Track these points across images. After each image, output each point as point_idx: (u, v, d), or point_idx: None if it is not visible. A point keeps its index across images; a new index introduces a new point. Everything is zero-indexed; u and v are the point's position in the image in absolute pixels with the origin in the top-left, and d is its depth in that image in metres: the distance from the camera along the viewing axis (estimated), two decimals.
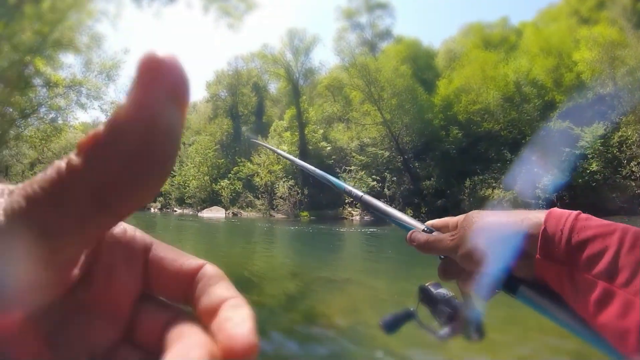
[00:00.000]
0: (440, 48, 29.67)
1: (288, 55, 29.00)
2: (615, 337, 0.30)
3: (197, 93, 36.83)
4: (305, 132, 25.59)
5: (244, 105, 33.08)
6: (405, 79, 24.77)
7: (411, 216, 0.57)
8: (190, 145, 33.57)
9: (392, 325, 0.49)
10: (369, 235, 13.79)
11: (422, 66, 27.02)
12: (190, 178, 30.36)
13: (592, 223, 0.34)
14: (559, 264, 0.34)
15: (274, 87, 33.83)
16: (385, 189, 21.56)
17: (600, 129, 19.37)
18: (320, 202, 22.51)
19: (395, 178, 21.75)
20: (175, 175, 32.06)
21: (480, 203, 19.38)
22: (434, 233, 0.49)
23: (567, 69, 22.86)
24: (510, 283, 0.39)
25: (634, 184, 17.78)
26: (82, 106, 22.34)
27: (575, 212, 0.36)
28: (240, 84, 34.13)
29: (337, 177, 0.79)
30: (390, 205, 0.64)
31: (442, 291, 0.48)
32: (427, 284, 0.50)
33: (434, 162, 21.82)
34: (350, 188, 0.71)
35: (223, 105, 34.53)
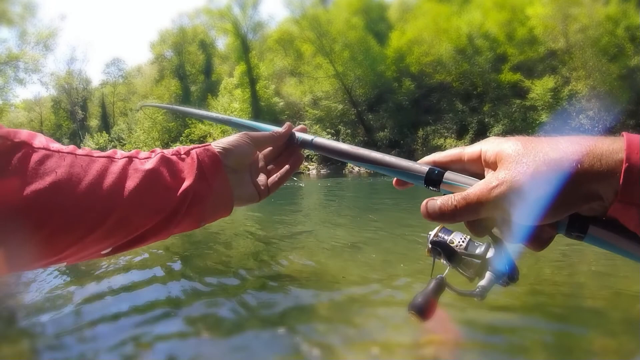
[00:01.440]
0: (394, 1, 29.13)
1: (235, 9, 27.39)
2: None
3: (141, 55, 34.21)
4: (257, 88, 24.62)
5: (192, 65, 31.18)
6: (358, 31, 24.24)
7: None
8: (137, 110, 31.65)
9: (427, 308, 0.37)
10: (326, 188, 13.78)
11: (375, 18, 26.47)
12: (141, 145, 28.81)
13: None
14: None
15: (222, 43, 32.09)
16: (340, 142, 21.51)
17: (550, 82, 20.11)
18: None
19: (349, 130, 21.69)
20: (125, 144, 30.18)
21: (433, 152, 19.83)
22: (447, 175, 0.35)
23: (520, 24, 23.28)
24: (576, 224, 0.30)
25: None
26: (21, 82, 20.18)
27: None
28: (186, 42, 31.99)
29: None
30: None
31: (459, 238, 0.39)
32: (435, 234, 0.39)
33: (387, 114, 21.92)
34: (298, 133, 0.52)
35: (169, 66, 32.38)
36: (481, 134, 20.66)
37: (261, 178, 0.50)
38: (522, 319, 2.52)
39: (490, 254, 0.36)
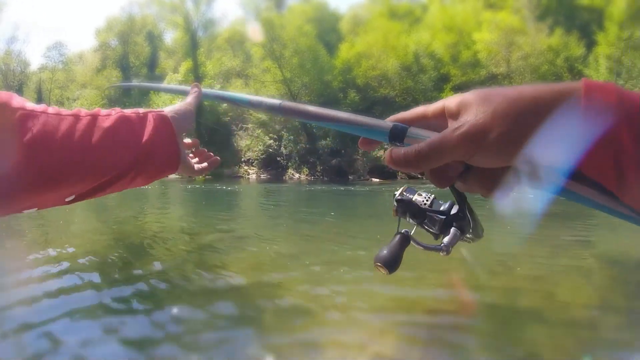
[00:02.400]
0: (347, 13, 29.79)
1: (189, 3, 26.63)
2: None
3: (86, 41, 32.20)
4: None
5: (136, 56, 29.81)
6: (309, 38, 24.49)
7: (307, 175, 0.39)
8: (74, 100, 29.70)
9: (393, 260, 0.37)
10: (266, 192, 13.69)
11: (327, 28, 26.93)
12: None
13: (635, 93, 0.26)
14: (610, 112, 0.26)
15: (170, 37, 31.01)
16: (282, 148, 21.51)
17: None
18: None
19: (292, 137, 21.75)
20: None
21: (373, 162, 20.49)
22: (411, 130, 0.34)
23: (466, 47, 24.65)
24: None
25: None
26: None
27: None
28: (133, 32, 30.59)
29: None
30: (287, 163, 0.44)
31: (422, 197, 0.39)
32: (400, 193, 0.39)
33: None
34: (260, 99, 0.51)
35: (113, 55, 30.72)
36: None
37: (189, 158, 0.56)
38: (465, 320, 2.64)
39: (454, 210, 0.37)
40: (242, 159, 21.95)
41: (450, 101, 0.32)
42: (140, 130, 0.45)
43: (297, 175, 20.53)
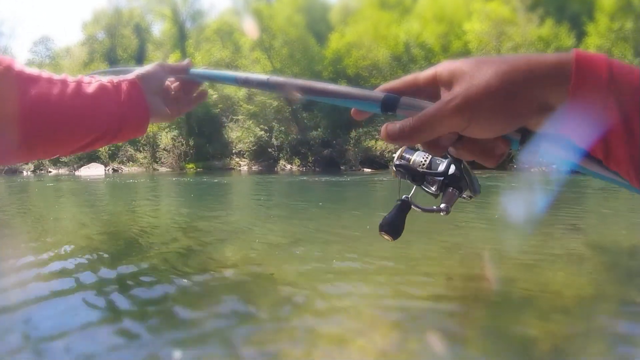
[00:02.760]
0: (337, 3, 29.51)
1: None
2: None
3: (72, 35, 31.66)
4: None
5: (124, 49, 29.35)
6: (299, 29, 24.26)
7: (299, 166, 0.39)
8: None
9: (396, 227, 0.39)
10: (257, 184, 13.65)
11: (316, 18, 26.66)
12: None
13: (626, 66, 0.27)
14: (602, 92, 0.26)
15: (158, 29, 30.55)
16: (273, 139, 21.41)
17: None
18: (206, 152, 21.53)
19: (283, 128, 21.66)
20: None
21: (365, 152, 20.49)
22: (403, 100, 0.35)
23: (456, 37, 24.53)
24: (527, 138, 0.30)
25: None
26: None
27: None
28: (121, 25, 30.07)
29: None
30: (278, 154, 0.44)
31: (421, 157, 0.39)
32: (399, 156, 0.40)
33: (321, 114, 22.17)
34: (246, 75, 0.53)
35: (100, 49, 30.22)
36: None
37: (172, 102, 0.62)
38: (461, 307, 2.64)
39: (452, 169, 0.38)
40: (233, 151, 21.83)
41: (443, 68, 0.32)
42: (115, 96, 0.52)
43: (288, 167, 20.47)
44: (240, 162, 20.98)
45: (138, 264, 3.69)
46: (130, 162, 23.84)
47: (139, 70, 0.57)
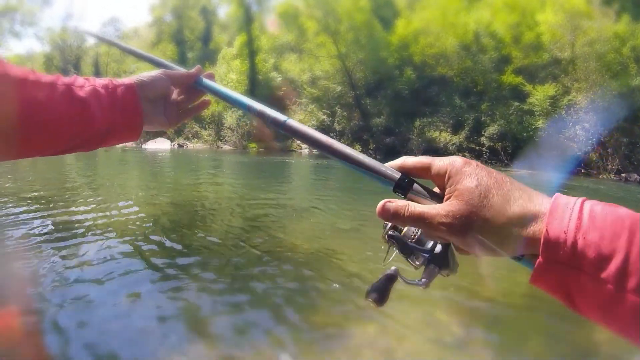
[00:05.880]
0: None
1: None
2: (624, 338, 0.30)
3: (140, 16, 33.13)
4: (256, 61, 24.02)
5: (191, 30, 30.28)
6: (364, 13, 23.71)
7: (360, 151, 0.42)
8: (131, 73, 30.55)
9: (383, 295, 0.42)
10: (318, 166, 13.64)
11: (382, 3, 25.94)
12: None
13: (597, 221, 0.31)
14: (564, 266, 0.31)
15: (223, 11, 31.18)
16: (335, 124, 21.21)
17: (551, 89, 19.93)
18: (268, 133, 21.75)
19: (345, 113, 21.39)
20: None
21: (428, 144, 19.81)
22: (416, 187, 0.39)
23: (528, 28, 22.97)
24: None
25: (575, 146, 18.70)
26: (17, 35, 19.34)
27: (579, 202, 0.32)
28: (187, 7, 30.97)
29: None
30: (340, 140, 0.45)
31: (412, 230, 0.42)
32: (390, 227, 0.43)
33: (385, 101, 21.64)
34: (262, 108, 0.51)
35: (167, 30, 31.40)
36: (476, 131, 20.53)
37: (172, 109, 0.60)
38: (521, 312, 2.49)
39: (437, 249, 0.40)
40: None
41: (454, 173, 0.36)
42: (106, 101, 0.50)
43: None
44: (301, 145, 21.02)
45: (201, 239, 3.69)
46: (195, 139, 24.67)
47: (139, 76, 0.55)
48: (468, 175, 0.35)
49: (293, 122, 0.47)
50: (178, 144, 24.26)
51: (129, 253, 3.20)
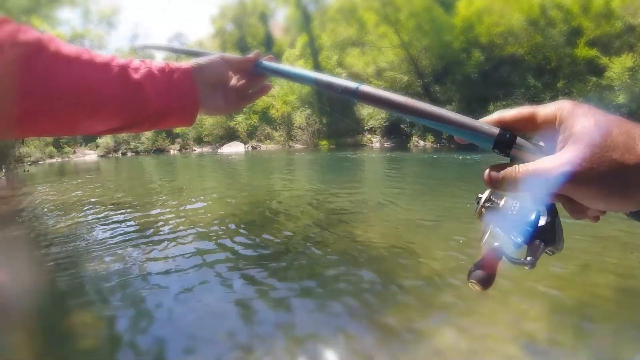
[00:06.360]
0: None
1: None
2: None
3: (203, 29, 35.20)
4: (319, 59, 24.66)
5: (252, 37, 31.67)
6: None
7: (432, 142, 0.37)
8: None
9: (488, 277, 0.36)
10: (390, 160, 13.71)
11: None
12: (205, 116, 30.06)
13: None
14: None
15: (282, 15, 32.19)
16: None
17: (628, 60, 18.27)
18: (339, 130, 22.35)
19: None
20: None
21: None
22: (519, 141, 0.33)
23: None
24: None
25: None
26: None
27: None
28: (246, 15, 32.43)
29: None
30: (410, 130, 0.48)
31: (510, 203, 0.37)
32: (487, 198, 0.37)
33: (455, 86, 21.21)
34: (331, 79, 0.48)
35: (230, 39, 33.10)
36: None
37: (232, 95, 0.60)
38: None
39: (542, 222, 0.36)
40: (365, 128, 22.31)
41: (566, 116, 0.31)
42: (162, 85, 0.50)
43: (422, 143, 20.17)
44: (372, 139, 21.36)
45: (278, 234, 3.77)
46: (267, 140, 25.99)
47: (197, 60, 0.54)
48: (583, 115, 0.30)
49: (367, 88, 0.43)
50: (252, 146, 25.65)
51: (209, 250, 3.38)
